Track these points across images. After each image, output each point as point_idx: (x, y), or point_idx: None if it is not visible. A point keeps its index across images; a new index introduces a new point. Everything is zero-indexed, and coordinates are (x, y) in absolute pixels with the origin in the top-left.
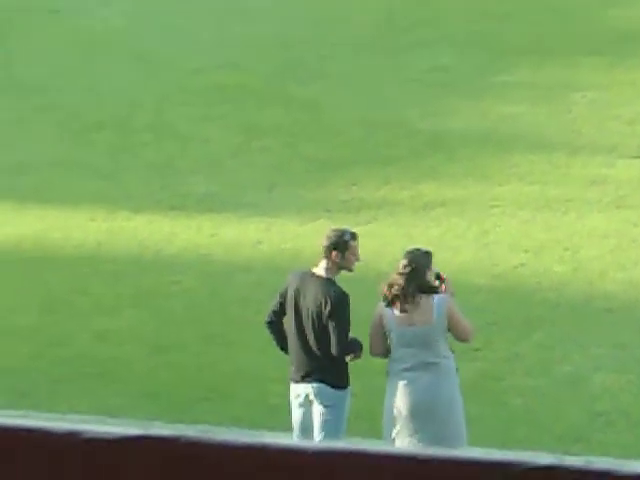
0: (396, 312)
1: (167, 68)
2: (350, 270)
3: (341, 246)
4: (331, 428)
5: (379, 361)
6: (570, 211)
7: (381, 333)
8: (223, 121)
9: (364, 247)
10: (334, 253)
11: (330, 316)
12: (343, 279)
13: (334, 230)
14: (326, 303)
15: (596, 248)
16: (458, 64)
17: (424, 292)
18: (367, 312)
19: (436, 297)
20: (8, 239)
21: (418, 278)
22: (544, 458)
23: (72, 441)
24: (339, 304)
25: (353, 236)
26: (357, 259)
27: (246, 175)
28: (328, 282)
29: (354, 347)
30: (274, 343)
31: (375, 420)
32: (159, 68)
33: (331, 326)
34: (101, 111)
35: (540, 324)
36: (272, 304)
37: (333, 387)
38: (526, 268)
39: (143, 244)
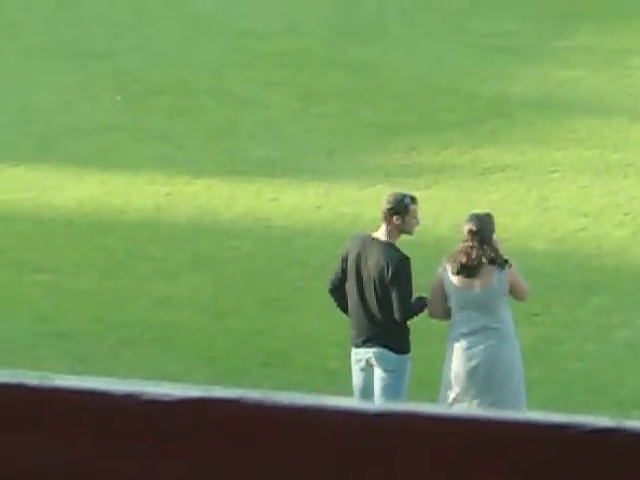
0: (455, 275)
1: (227, 32)
2: (410, 233)
3: (401, 210)
4: (392, 393)
5: (440, 327)
6: (630, 176)
7: (442, 296)
8: (283, 86)
9: (423, 212)
10: (395, 217)
11: (392, 280)
12: (403, 243)
13: (393, 194)
14: (388, 267)
15: None
16: (518, 29)
17: (494, 263)
18: (427, 276)
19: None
20: (69, 204)
21: (487, 244)
22: (603, 421)
23: (130, 403)
24: (401, 268)
25: (413, 199)
26: (417, 222)
27: (306, 140)
28: (389, 246)
29: (417, 309)
30: (337, 308)
31: (436, 387)
32: (219, 32)
33: (393, 290)
34: (161, 75)
35: (599, 289)
36: (334, 270)
37: (395, 352)
38: (586, 233)
39: (202, 209)
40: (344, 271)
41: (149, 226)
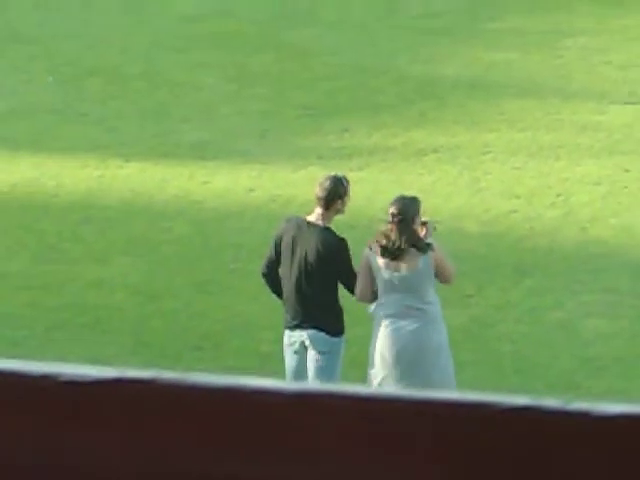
0: (381, 258)
1: (159, 15)
2: (342, 213)
3: (342, 193)
4: (326, 375)
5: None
6: (562, 157)
7: (369, 278)
8: (215, 69)
9: (356, 194)
10: (339, 202)
11: (334, 264)
12: (335, 225)
13: (330, 178)
14: (328, 252)
15: (588, 194)
16: (449, 10)
17: (415, 247)
18: (359, 258)
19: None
20: (1, 187)
21: (408, 228)
22: (520, 398)
23: (48, 384)
24: (342, 250)
25: (347, 180)
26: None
27: (238, 122)
28: (326, 231)
29: None
30: (269, 291)
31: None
32: (151, 15)
33: (338, 274)
34: (93, 58)
35: (532, 270)
36: (267, 254)
37: (329, 334)
38: (518, 214)
39: (135, 191)
40: (277, 254)
41: (81, 209)
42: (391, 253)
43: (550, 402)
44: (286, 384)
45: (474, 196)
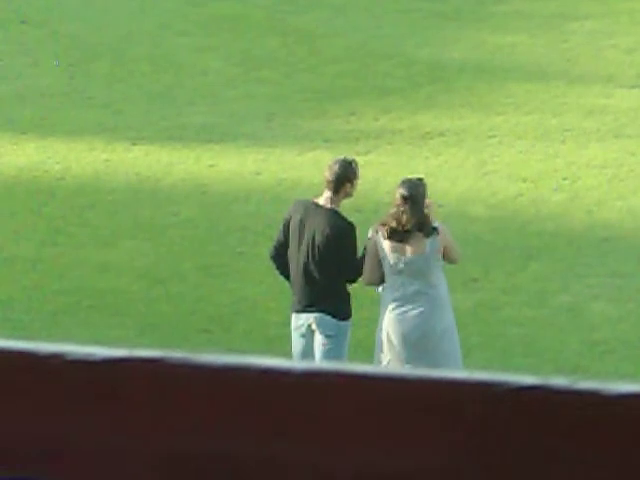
0: (387, 241)
1: None
2: (352, 196)
3: (352, 176)
4: (332, 358)
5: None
6: (568, 141)
7: (376, 261)
8: (221, 52)
9: (362, 177)
10: (348, 185)
11: (340, 248)
12: (342, 208)
13: (339, 161)
14: (335, 235)
15: (594, 177)
16: None
17: (422, 231)
18: (365, 241)
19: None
20: (8, 170)
21: (418, 210)
22: (528, 379)
23: (55, 363)
24: (348, 235)
25: (357, 163)
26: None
27: (244, 106)
28: (335, 213)
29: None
30: (278, 274)
31: (373, 351)
32: None
33: (342, 257)
34: (100, 42)
35: (538, 254)
36: (276, 237)
37: (335, 317)
38: (524, 198)
39: (141, 175)
40: (286, 237)
41: (88, 193)
42: (400, 235)
43: (558, 381)
44: (294, 363)
45: (480, 180)
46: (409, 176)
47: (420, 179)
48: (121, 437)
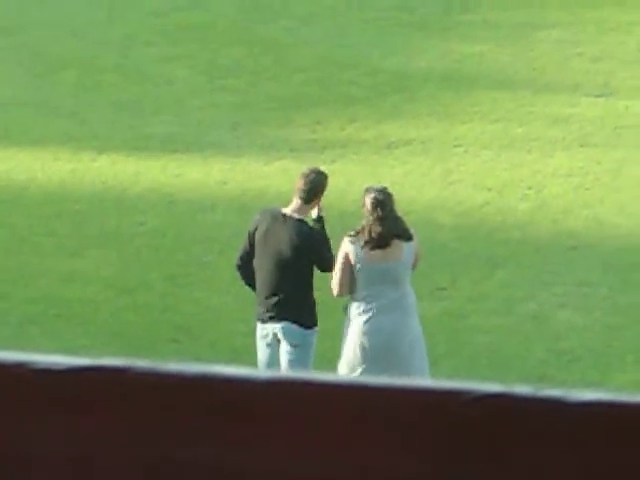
0: (365, 249)
1: (132, 8)
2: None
3: (324, 188)
4: (298, 367)
5: (343, 301)
6: (534, 150)
7: (348, 271)
8: (187, 61)
9: (329, 186)
10: (320, 196)
11: (311, 254)
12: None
13: (312, 172)
14: (303, 244)
15: (560, 186)
16: (422, 3)
17: (399, 237)
18: (335, 250)
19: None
20: None
21: (394, 217)
22: (492, 386)
23: (21, 372)
24: (320, 242)
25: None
26: None
27: (210, 115)
28: (302, 223)
29: None
30: (242, 284)
31: (338, 361)
32: (124, 8)
33: (316, 262)
34: (66, 51)
35: (504, 262)
36: (241, 246)
37: (301, 326)
38: (490, 207)
39: (107, 184)
40: (252, 247)
41: (54, 202)
42: (382, 241)
43: (522, 389)
44: (258, 372)
45: (446, 188)
46: (375, 185)
47: (384, 187)
48: (87, 445)
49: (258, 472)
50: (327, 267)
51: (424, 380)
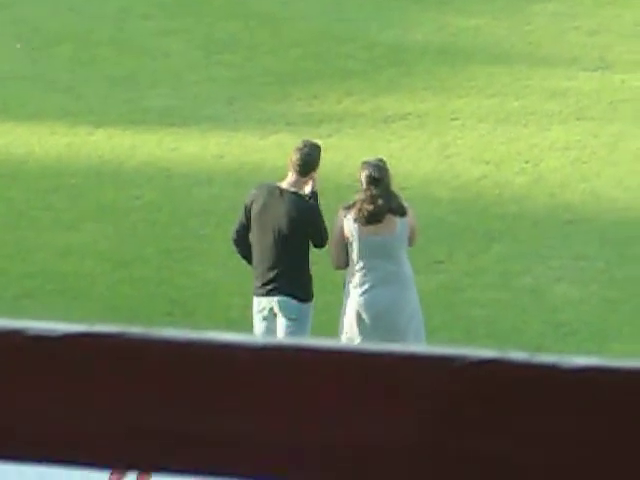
0: (360, 222)
1: None
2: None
3: (319, 161)
4: None
5: (340, 274)
6: (530, 123)
7: (343, 244)
8: (183, 35)
9: (325, 160)
10: (316, 168)
11: (307, 230)
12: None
13: (307, 146)
14: (300, 218)
15: (557, 160)
16: None
17: (392, 211)
18: (328, 224)
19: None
20: None
21: (388, 191)
22: (486, 352)
23: (17, 339)
24: (316, 215)
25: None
26: None
27: (207, 89)
28: (300, 197)
29: None
30: (239, 257)
31: (335, 334)
32: None
33: (312, 236)
34: (62, 25)
35: (501, 236)
36: (237, 221)
37: (298, 300)
38: (487, 180)
39: (104, 158)
40: (248, 220)
41: (50, 176)
42: (374, 218)
43: (516, 355)
44: (255, 338)
45: (443, 162)
46: (372, 158)
47: (382, 160)
48: (83, 412)
49: (255, 440)
50: (321, 241)
51: (416, 346)
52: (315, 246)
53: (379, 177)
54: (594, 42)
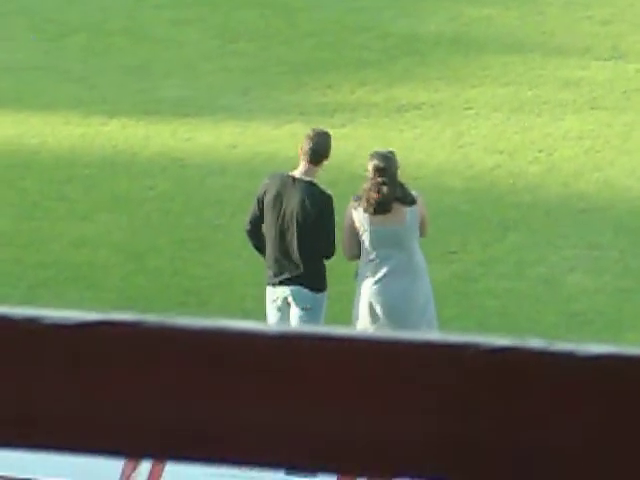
0: (369, 212)
1: None
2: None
3: (330, 149)
4: None
5: (353, 264)
6: (544, 113)
7: (354, 234)
8: (198, 24)
9: (339, 150)
10: (326, 160)
11: (319, 219)
12: (320, 180)
13: (318, 134)
14: (314, 207)
15: (571, 149)
16: None
17: (401, 201)
18: (342, 214)
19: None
20: None
21: (395, 181)
22: (501, 340)
23: (32, 327)
24: (329, 206)
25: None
26: None
27: (221, 79)
28: (313, 186)
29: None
30: (252, 248)
31: (348, 325)
32: None
33: (321, 228)
34: (76, 15)
35: (515, 226)
36: (250, 211)
37: (312, 290)
38: (501, 170)
39: (117, 149)
40: (261, 211)
41: (64, 167)
42: (382, 207)
43: (533, 343)
44: (270, 326)
45: (457, 152)
46: (382, 149)
47: (391, 151)
48: (97, 402)
49: (267, 427)
50: (327, 237)
51: (430, 333)
52: (319, 243)
53: (385, 166)
54: (607, 31)
